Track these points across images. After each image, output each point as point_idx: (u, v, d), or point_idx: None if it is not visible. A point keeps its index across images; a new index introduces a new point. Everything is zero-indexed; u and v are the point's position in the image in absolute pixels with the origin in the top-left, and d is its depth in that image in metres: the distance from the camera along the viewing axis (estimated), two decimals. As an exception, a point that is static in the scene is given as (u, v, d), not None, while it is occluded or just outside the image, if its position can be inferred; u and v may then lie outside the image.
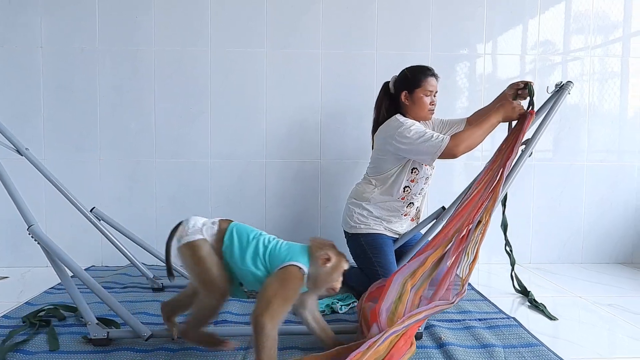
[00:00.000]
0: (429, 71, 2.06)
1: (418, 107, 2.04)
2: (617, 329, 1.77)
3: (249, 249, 1.38)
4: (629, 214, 2.74)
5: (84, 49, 2.53)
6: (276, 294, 1.27)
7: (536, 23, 2.67)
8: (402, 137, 1.92)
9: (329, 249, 1.39)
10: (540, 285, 2.31)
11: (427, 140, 1.87)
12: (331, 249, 1.40)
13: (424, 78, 2.04)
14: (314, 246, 1.39)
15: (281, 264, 1.34)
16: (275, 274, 1.33)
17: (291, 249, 1.39)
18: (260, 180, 2.63)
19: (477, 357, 1.47)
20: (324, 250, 1.37)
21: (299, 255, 1.37)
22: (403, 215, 2.09)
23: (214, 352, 1.49)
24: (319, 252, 1.37)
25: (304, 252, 1.39)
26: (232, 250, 1.38)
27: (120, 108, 2.57)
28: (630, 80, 2.71)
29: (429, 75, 2.05)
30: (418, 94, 2.03)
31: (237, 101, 2.59)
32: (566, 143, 2.71)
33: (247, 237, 1.40)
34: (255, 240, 1.40)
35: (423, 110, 2.05)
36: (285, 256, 1.36)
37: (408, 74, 2.07)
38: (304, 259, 1.36)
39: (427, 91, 2.03)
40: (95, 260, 2.59)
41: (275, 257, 1.36)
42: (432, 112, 2.09)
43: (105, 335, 1.52)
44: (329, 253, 1.37)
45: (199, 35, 2.56)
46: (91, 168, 2.57)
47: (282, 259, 1.35)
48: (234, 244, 1.38)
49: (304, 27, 2.59)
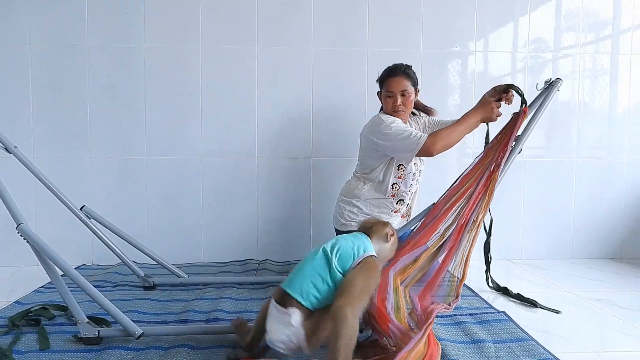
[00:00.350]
0: (394, 71, 2.07)
1: (385, 106, 2.09)
2: (606, 323, 1.79)
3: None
4: (618, 209, 2.77)
5: (74, 45, 2.51)
6: (359, 285, 1.26)
7: (527, 20, 2.68)
8: (382, 134, 1.95)
9: (391, 227, 1.48)
10: (531, 280, 2.33)
11: (405, 138, 1.89)
12: (387, 224, 1.48)
13: (386, 79, 2.08)
14: (375, 226, 1.46)
15: (355, 259, 1.33)
16: (356, 268, 1.31)
17: (355, 241, 1.39)
18: (252, 177, 2.62)
19: (467, 352, 1.48)
20: (387, 227, 1.47)
21: (365, 243, 1.40)
22: (393, 212, 2.11)
23: (205, 350, 1.48)
24: (384, 230, 1.46)
25: (363, 237, 1.42)
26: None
27: (111, 106, 2.55)
28: (620, 77, 2.74)
29: (392, 76, 2.06)
30: (383, 93, 2.10)
31: (228, 98, 2.58)
32: (556, 140, 2.73)
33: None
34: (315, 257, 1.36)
35: (388, 109, 2.08)
36: (355, 251, 1.35)
37: (379, 74, 2.12)
38: (369, 245, 1.40)
39: (388, 92, 2.06)
40: (86, 259, 2.58)
41: (345, 257, 1.33)
42: (398, 112, 2.06)
43: (96, 334, 1.51)
44: (393, 231, 1.47)
45: (190, 32, 2.55)
46: (81, 166, 2.55)
47: (353, 254, 1.34)
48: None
49: (295, 24, 2.59)
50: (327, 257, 1.32)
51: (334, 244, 1.36)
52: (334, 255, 1.32)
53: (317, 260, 1.33)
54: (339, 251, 1.33)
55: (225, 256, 2.63)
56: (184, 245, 2.61)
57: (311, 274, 1.30)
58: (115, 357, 1.43)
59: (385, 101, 2.08)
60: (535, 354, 1.46)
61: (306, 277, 1.30)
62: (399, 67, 2.08)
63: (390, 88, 2.05)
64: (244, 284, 2.19)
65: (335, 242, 1.37)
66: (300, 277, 1.31)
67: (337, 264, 1.31)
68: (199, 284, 2.18)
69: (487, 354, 1.46)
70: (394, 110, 2.06)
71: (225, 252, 2.64)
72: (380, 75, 2.13)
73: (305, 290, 1.28)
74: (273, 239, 2.66)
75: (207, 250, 2.63)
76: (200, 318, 1.76)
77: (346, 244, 1.36)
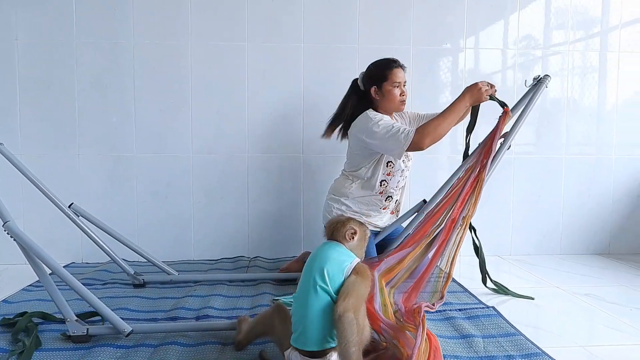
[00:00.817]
0: (394, 63, 2.08)
1: (388, 100, 2.06)
2: (594, 318, 1.81)
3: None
4: (605, 206, 2.79)
5: (62, 42, 2.48)
6: (360, 290, 1.22)
7: (517, 18, 2.70)
8: (371, 132, 1.95)
9: (350, 223, 1.36)
10: (521, 276, 2.35)
11: (394, 135, 1.89)
12: (351, 222, 1.37)
13: (389, 70, 2.05)
14: (335, 232, 1.35)
15: (344, 273, 1.25)
16: (351, 276, 1.24)
17: (335, 256, 1.29)
18: (242, 174, 2.62)
19: (456, 347, 1.49)
20: (345, 227, 1.35)
21: (344, 253, 1.31)
22: (382, 209, 2.11)
23: (195, 346, 1.48)
24: (344, 231, 1.34)
25: (337, 247, 1.32)
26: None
27: (100, 103, 2.53)
28: (608, 75, 2.76)
29: (395, 67, 2.06)
30: (387, 87, 2.05)
31: (218, 95, 2.57)
32: (546, 137, 2.75)
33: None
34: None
35: (394, 102, 2.06)
36: (342, 267, 1.26)
37: (374, 68, 2.10)
38: (346, 251, 1.32)
39: (395, 82, 2.05)
40: (75, 257, 2.56)
41: (335, 274, 1.25)
42: (404, 103, 2.10)
43: (84, 332, 1.50)
44: (352, 226, 1.35)
45: (179, 28, 2.53)
46: (69, 164, 2.53)
47: (342, 270, 1.26)
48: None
49: (285, 21, 2.58)
50: (326, 290, 1.23)
51: (322, 271, 1.25)
52: (328, 282, 1.24)
53: (319, 300, 1.23)
54: (330, 275, 1.24)
55: (216, 253, 2.63)
56: (174, 242, 2.60)
57: (318, 320, 1.22)
58: (104, 355, 1.42)
59: (390, 93, 2.04)
60: (524, 348, 1.47)
61: (317, 325, 1.21)
62: (395, 59, 2.08)
63: (398, 78, 2.04)
64: (235, 281, 2.18)
65: (321, 268, 1.25)
66: (311, 329, 1.22)
67: (334, 290, 1.24)
68: (189, 282, 2.17)
69: (476, 348, 1.48)
70: (402, 101, 2.07)
71: (216, 249, 2.63)
72: (379, 69, 2.07)
73: (325, 336, 1.22)
74: (264, 236, 2.65)
75: (197, 247, 2.62)
76: (191, 315, 1.75)
77: (332, 265, 1.26)
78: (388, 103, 2.07)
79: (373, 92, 2.08)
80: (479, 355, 1.44)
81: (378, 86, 2.07)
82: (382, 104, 2.08)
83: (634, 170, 2.80)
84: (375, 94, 2.07)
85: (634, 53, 2.75)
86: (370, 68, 2.11)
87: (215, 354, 1.44)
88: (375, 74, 2.08)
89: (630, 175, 2.79)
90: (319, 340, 1.22)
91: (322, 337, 1.22)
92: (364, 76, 2.12)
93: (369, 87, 2.09)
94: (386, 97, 2.06)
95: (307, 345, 1.23)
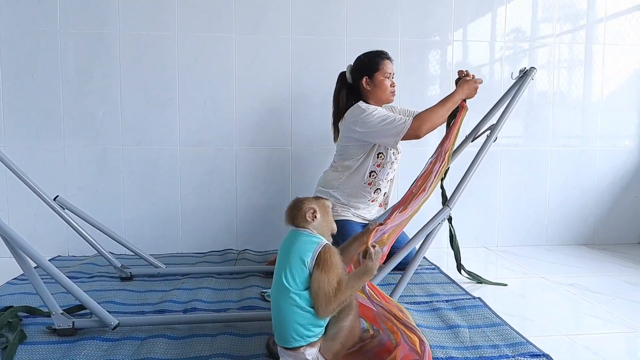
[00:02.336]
0: (384, 54, 2.11)
1: (380, 90, 2.07)
2: (578, 307, 1.84)
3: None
4: (590, 196, 2.83)
5: (45, 31, 2.44)
6: (325, 289, 1.18)
7: (505, 10, 2.71)
8: (365, 122, 1.95)
9: (306, 204, 1.29)
10: (507, 267, 2.37)
11: (390, 123, 1.89)
12: (307, 202, 1.30)
13: (381, 61, 2.07)
14: (295, 219, 1.29)
15: (308, 265, 1.22)
16: (314, 273, 1.21)
17: (294, 249, 1.25)
18: (230, 167, 2.60)
19: (443, 338, 1.50)
20: (302, 210, 1.28)
21: (303, 242, 1.25)
22: (370, 202, 2.11)
23: (182, 339, 1.48)
24: (303, 213, 1.28)
25: (300, 235, 1.27)
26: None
27: (85, 94, 2.49)
28: (594, 67, 2.78)
29: (385, 58, 2.09)
30: (378, 77, 2.06)
31: (206, 87, 2.55)
32: (532, 129, 2.77)
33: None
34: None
35: (385, 92, 2.07)
36: (304, 259, 1.22)
37: (365, 59, 2.10)
38: (306, 239, 1.26)
39: (386, 73, 2.06)
40: (61, 250, 2.53)
41: (297, 271, 1.22)
42: (394, 94, 2.13)
43: (70, 325, 1.49)
44: (309, 206, 1.29)
45: (166, 19, 2.50)
46: (54, 156, 2.49)
47: (304, 263, 1.22)
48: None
49: (273, 12, 2.56)
50: (291, 291, 1.21)
51: (285, 272, 1.23)
52: (291, 282, 1.22)
53: (285, 299, 1.21)
54: (293, 274, 1.22)
55: (204, 246, 2.62)
56: (162, 235, 2.59)
57: (287, 317, 1.22)
58: (90, 348, 1.41)
59: (382, 83, 2.05)
60: (509, 338, 1.49)
61: (286, 323, 1.22)
62: (384, 51, 2.09)
63: (389, 69, 2.07)
64: (223, 274, 2.18)
65: (285, 268, 1.23)
66: (283, 326, 1.22)
67: (301, 287, 1.22)
68: (177, 274, 2.16)
69: (462, 338, 1.49)
70: (392, 92, 2.08)
71: (204, 242, 2.62)
72: (370, 59, 2.07)
73: (299, 332, 1.21)
74: (252, 228, 2.65)
75: (185, 240, 2.61)
76: (178, 308, 1.74)
77: (293, 263, 1.23)
78: (380, 93, 2.07)
79: (364, 83, 2.07)
80: (464, 345, 1.45)
81: (369, 76, 2.07)
82: (373, 94, 2.08)
83: (617, 162, 2.83)
84: (366, 85, 2.07)
85: (618, 45, 2.78)
86: (361, 59, 2.11)
87: (203, 347, 1.44)
88: (367, 64, 2.09)
89: (613, 166, 2.83)
90: (290, 337, 1.22)
91: (292, 335, 1.21)
92: (353, 68, 2.12)
93: (359, 78, 2.08)
94: (378, 87, 2.07)
95: (280, 340, 1.25)
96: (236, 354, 1.40)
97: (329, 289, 1.19)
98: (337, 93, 2.15)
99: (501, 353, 1.40)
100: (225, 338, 1.49)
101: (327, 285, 1.19)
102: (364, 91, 2.09)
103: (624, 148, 2.83)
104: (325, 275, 1.19)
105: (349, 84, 2.12)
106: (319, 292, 1.19)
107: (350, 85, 2.12)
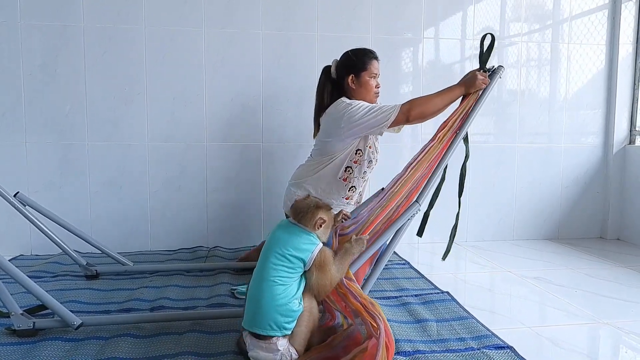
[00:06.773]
0: (373, 54, 2.07)
1: (365, 90, 2.03)
2: (542, 300, 1.88)
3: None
4: (555, 193, 2.91)
5: (4, 23, 2.35)
6: (325, 280, 1.31)
7: (474, 10, 2.74)
8: (352, 115, 1.90)
9: (319, 213, 1.35)
10: (476, 262, 2.41)
11: (377, 110, 1.86)
12: (321, 211, 1.36)
13: (369, 61, 2.03)
14: (305, 219, 1.34)
15: (306, 262, 1.30)
16: (313, 274, 1.30)
17: (294, 243, 1.30)
18: (201, 163, 2.57)
19: (411, 332, 1.52)
20: (315, 217, 1.34)
21: (305, 239, 1.32)
22: (345, 199, 2.10)
23: (149, 338, 1.45)
24: (313, 221, 1.34)
25: (300, 232, 1.33)
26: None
27: (49, 88, 2.41)
28: (559, 66, 2.86)
29: (373, 58, 2.05)
30: (365, 77, 2.02)
31: (175, 82, 2.50)
32: (501, 126, 2.83)
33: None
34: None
35: (369, 93, 2.04)
36: (302, 255, 1.29)
37: (353, 56, 2.05)
38: (309, 237, 1.32)
39: (373, 74, 2.03)
40: (23, 249, 2.45)
41: (295, 263, 1.30)
42: (378, 96, 2.08)
43: (31, 325, 1.45)
44: (322, 217, 1.35)
45: (132, 11, 2.44)
46: (15, 152, 2.41)
47: (304, 260, 1.30)
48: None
49: (243, 7, 2.53)
50: (281, 281, 1.26)
51: (277, 258, 1.28)
52: (282, 274, 1.27)
53: (270, 288, 1.25)
54: (286, 266, 1.28)
55: (174, 244, 2.58)
56: (130, 233, 2.53)
57: (269, 306, 1.24)
58: (51, 349, 1.37)
59: (368, 84, 2.02)
60: (475, 331, 1.52)
61: (267, 310, 1.24)
62: (372, 50, 2.07)
63: (376, 70, 2.04)
64: (192, 271, 2.15)
65: (277, 257, 1.28)
66: (262, 313, 1.25)
67: (290, 281, 1.28)
68: (144, 272, 2.12)
69: (430, 332, 1.51)
70: (376, 93, 2.06)
71: (174, 239, 2.58)
72: (359, 58, 2.04)
73: (277, 322, 1.24)
74: (224, 225, 2.62)
75: (155, 238, 2.56)
76: (145, 307, 1.71)
77: (289, 256, 1.28)
78: (365, 93, 2.03)
79: (350, 81, 2.03)
80: (432, 338, 1.47)
81: (356, 75, 2.03)
82: (357, 93, 2.04)
83: (581, 159, 2.92)
84: (351, 83, 2.03)
85: (582, 44, 2.86)
86: (349, 56, 2.06)
87: (170, 345, 1.41)
88: (355, 62, 2.04)
89: (577, 164, 2.92)
90: (267, 325, 1.24)
91: (270, 323, 1.24)
92: (339, 64, 2.08)
93: (344, 75, 2.05)
94: (363, 87, 2.03)
95: (254, 326, 1.26)
96: (204, 351, 1.38)
97: (326, 283, 1.31)
98: (322, 87, 2.11)
99: (467, 346, 1.42)
100: (193, 336, 1.47)
101: (326, 282, 1.31)
102: (349, 89, 2.05)
103: (588, 145, 2.92)
104: (324, 274, 1.31)
105: (333, 79, 2.09)
106: (319, 288, 1.31)
107: (334, 81, 2.09)
